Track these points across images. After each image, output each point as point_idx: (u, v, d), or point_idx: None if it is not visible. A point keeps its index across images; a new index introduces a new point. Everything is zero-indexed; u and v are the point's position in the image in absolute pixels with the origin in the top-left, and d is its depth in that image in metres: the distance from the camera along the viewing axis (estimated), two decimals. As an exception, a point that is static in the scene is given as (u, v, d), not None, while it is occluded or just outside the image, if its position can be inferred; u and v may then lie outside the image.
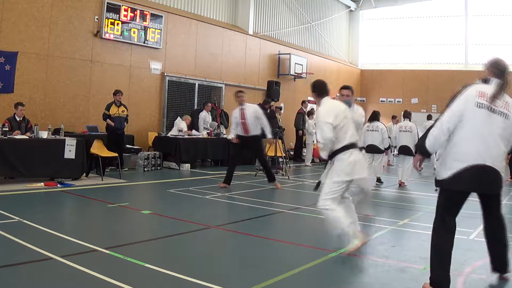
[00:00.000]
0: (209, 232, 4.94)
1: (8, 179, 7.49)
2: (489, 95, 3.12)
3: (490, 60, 3.33)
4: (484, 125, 3.09)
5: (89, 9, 10.21)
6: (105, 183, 7.86)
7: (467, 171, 3.08)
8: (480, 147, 3.08)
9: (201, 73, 13.18)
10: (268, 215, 5.87)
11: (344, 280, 3.60)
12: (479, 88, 3.17)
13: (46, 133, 7.82)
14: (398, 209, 7.00)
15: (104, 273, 3.30)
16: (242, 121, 7.97)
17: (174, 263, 3.77)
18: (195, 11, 13.37)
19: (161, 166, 10.51)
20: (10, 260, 3.53)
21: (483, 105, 3.09)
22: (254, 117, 7.97)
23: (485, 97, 3.11)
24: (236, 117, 8.11)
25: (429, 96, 19.94)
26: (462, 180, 3.10)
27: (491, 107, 3.09)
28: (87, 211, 5.98)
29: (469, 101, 3.12)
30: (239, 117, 8.01)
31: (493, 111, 3.09)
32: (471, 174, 3.08)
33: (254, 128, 8.01)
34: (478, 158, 3.07)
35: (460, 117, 3.10)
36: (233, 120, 8.26)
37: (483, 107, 3.09)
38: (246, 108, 8.02)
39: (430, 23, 20.13)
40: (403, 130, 9.51)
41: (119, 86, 10.08)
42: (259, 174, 10.13)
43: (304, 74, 16.58)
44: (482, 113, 3.09)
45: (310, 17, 18.41)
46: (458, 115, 3.11)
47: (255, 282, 3.31)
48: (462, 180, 3.10)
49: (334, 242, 4.84)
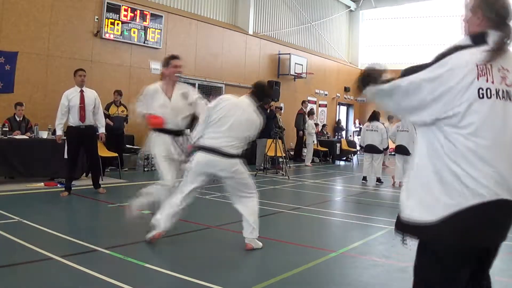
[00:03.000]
0: (209, 232, 4.94)
1: (8, 179, 7.49)
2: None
3: None
4: (500, 127, 1.70)
5: (89, 9, 10.21)
6: (105, 183, 7.86)
7: (476, 213, 1.69)
8: (498, 168, 1.70)
9: (201, 73, 13.18)
10: (268, 215, 5.87)
11: (344, 280, 3.60)
12: (473, 59, 1.71)
13: (46, 133, 7.81)
14: (398, 209, 6.98)
15: (104, 273, 3.30)
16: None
17: (174, 263, 3.77)
18: (195, 11, 13.37)
19: (161, 166, 10.50)
20: (10, 260, 3.53)
21: (490, 91, 1.69)
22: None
23: (489, 74, 1.70)
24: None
25: (429, 96, 19.95)
26: (471, 228, 1.71)
27: (506, 91, 1.72)
28: (87, 211, 5.98)
29: (461, 90, 1.71)
30: None
31: (510, 96, 1.73)
32: (484, 218, 1.70)
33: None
34: (494, 190, 1.69)
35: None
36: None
37: (491, 95, 1.69)
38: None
39: (430, 23, 20.13)
40: (401, 130, 9.51)
41: (119, 86, 10.07)
42: (259, 174, 10.13)
43: (304, 74, 16.58)
44: (491, 106, 1.70)
45: (310, 17, 18.41)
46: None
47: (255, 282, 3.31)
48: (470, 228, 1.71)
49: (334, 242, 4.85)
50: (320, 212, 6.11)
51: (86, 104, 6.66)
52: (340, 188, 9.28)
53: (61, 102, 6.56)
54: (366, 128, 9.77)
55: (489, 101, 1.67)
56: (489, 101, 1.67)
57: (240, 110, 4.14)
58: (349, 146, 15.55)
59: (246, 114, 4.15)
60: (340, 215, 6.34)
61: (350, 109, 21.73)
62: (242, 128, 4.11)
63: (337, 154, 14.82)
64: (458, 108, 1.68)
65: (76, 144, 6.67)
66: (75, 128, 6.60)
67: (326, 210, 6.41)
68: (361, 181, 9.80)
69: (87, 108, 6.65)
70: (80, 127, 6.61)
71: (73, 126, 6.60)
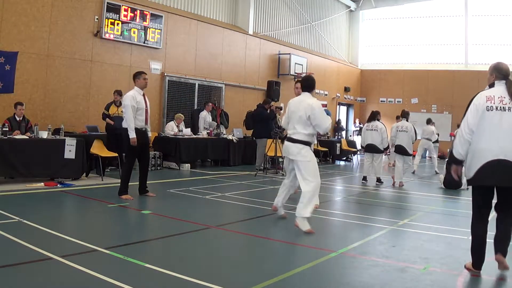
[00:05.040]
0: (209, 232, 4.94)
1: (8, 179, 7.49)
2: (506, 96, 3.50)
3: (492, 66, 3.70)
4: (496, 125, 3.45)
5: (89, 9, 10.21)
6: (105, 183, 7.86)
7: (484, 168, 3.45)
8: (494, 145, 3.44)
9: (201, 73, 13.18)
10: (268, 215, 5.87)
11: (344, 280, 3.60)
12: (486, 94, 3.56)
13: (46, 133, 7.81)
14: (398, 209, 7.00)
15: (104, 273, 3.30)
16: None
17: (174, 263, 3.77)
18: (195, 11, 13.37)
19: (161, 166, 10.51)
20: (10, 260, 3.53)
21: (492, 107, 3.47)
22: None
23: (493, 100, 3.49)
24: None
25: (429, 96, 19.95)
26: (483, 176, 3.48)
27: (501, 107, 3.46)
28: (87, 211, 5.98)
29: (479, 108, 3.50)
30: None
31: (504, 109, 3.46)
32: (488, 170, 3.44)
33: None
34: (493, 155, 3.43)
35: (474, 125, 3.50)
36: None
37: (493, 109, 3.46)
38: None
39: (430, 23, 20.15)
40: (400, 130, 9.51)
41: (119, 86, 10.07)
42: (259, 174, 10.13)
43: (304, 74, 16.58)
44: (493, 114, 3.46)
45: (310, 17, 18.41)
46: (472, 124, 3.50)
47: (255, 282, 3.31)
48: (482, 176, 3.48)
49: (334, 242, 4.85)
50: (320, 212, 6.11)
51: (148, 107, 6.75)
52: (340, 188, 9.28)
53: (130, 105, 6.38)
54: (366, 128, 9.77)
55: (492, 112, 3.48)
56: (492, 112, 3.48)
57: None
58: (349, 146, 15.55)
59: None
60: (340, 215, 6.34)
61: (350, 109, 21.73)
62: None
63: (337, 154, 14.82)
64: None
65: (138, 147, 6.58)
66: (139, 131, 6.55)
67: (326, 210, 6.41)
68: (361, 181, 9.80)
69: (149, 112, 6.75)
70: (142, 129, 6.64)
71: (138, 128, 6.54)
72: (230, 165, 11.67)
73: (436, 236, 5.06)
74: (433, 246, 4.63)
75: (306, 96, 5.34)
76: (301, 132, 5.16)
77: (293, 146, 5.20)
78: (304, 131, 5.15)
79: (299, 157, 5.13)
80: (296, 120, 5.20)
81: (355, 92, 21.45)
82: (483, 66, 18.94)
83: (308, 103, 5.14)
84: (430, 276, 3.64)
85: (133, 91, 6.61)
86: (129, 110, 6.40)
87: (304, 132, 5.15)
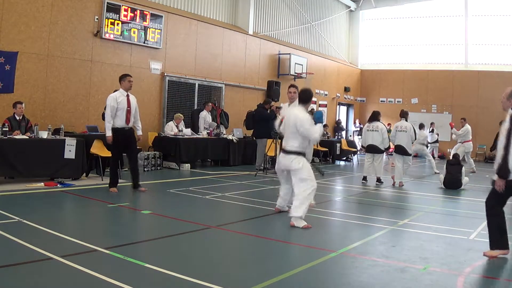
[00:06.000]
0: (209, 232, 4.94)
1: (8, 179, 7.49)
2: None
3: (509, 91, 4.24)
4: None
5: (89, 9, 10.21)
6: (105, 183, 7.86)
7: None
8: None
9: (201, 73, 13.18)
10: (268, 215, 5.88)
11: (344, 280, 3.60)
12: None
13: (46, 133, 7.81)
14: (398, 209, 7.00)
15: (104, 273, 3.30)
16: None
17: (174, 263, 3.77)
18: (195, 11, 13.37)
19: (161, 166, 10.51)
20: (10, 260, 3.53)
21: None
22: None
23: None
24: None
25: (429, 96, 19.95)
26: None
27: None
28: (87, 211, 5.98)
29: None
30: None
31: None
32: None
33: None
34: None
35: None
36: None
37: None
38: None
39: (430, 23, 20.14)
40: (400, 130, 9.52)
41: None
42: (259, 174, 10.13)
43: (304, 74, 16.59)
44: None
45: (310, 17, 18.42)
46: None
47: (255, 282, 3.31)
48: None
49: (334, 242, 4.85)
50: (320, 212, 6.11)
51: (132, 108, 7.08)
52: (340, 188, 9.28)
53: (110, 105, 6.88)
54: (367, 129, 9.78)
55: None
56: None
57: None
58: (349, 146, 15.55)
59: None
60: (340, 215, 6.34)
61: (350, 109, 21.74)
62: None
63: (337, 154, 14.82)
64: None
65: (121, 145, 7.06)
66: (121, 130, 6.97)
67: (326, 210, 6.41)
68: (361, 181, 9.80)
69: (132, 112, 7.07)
70: (125, 129, 7.01)
71: (119, 128, 6.96)
72: (230, 165, 11.67)
73: (436, 236, 5.06)
74: (433, 246, 4.63)
75: (299, 109, 5.46)
76: (292, 144, 5.38)
77: (285, 158, 5.44)
78: (295, 143, 5.37)
79: (291, 167, 5.36)
80: (289, 130, 5.44)
81: (355, 92, 21.45)
82: (483, 66, 18.94)
83: (296, 115, 5.35)
84: (430, 276, 3.64)
85: (117, 92, 7.10)
86: (108, 110, 6.89)
87: (294, 144, 5.37)
